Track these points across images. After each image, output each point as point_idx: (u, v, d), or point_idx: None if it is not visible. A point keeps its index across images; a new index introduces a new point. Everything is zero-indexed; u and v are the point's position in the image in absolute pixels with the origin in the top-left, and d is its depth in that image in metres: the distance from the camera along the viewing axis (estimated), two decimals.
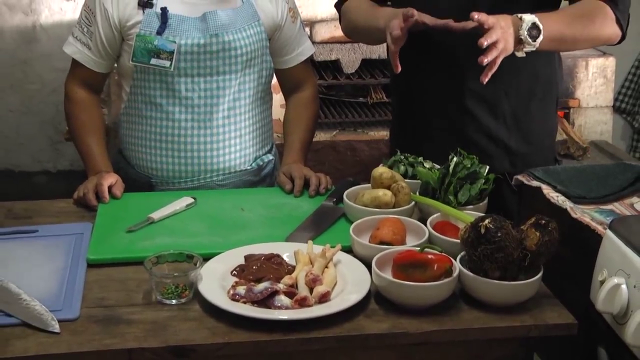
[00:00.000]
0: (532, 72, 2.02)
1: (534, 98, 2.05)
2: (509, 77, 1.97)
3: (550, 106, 2.11)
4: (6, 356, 1.31)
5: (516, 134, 2.04)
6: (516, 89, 2.02)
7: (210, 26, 1.99)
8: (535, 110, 2.07)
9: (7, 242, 1.71)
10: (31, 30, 3.81)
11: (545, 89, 2.07)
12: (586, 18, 1.88)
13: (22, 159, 3.99)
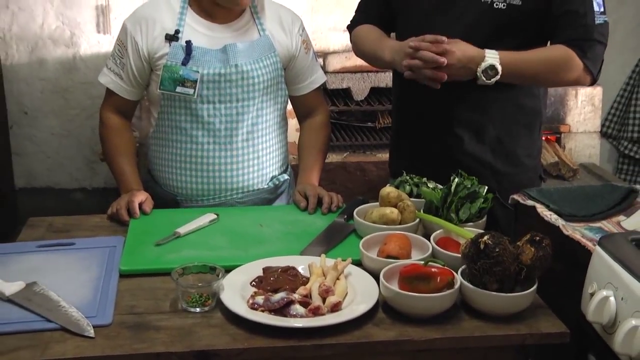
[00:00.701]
0: (515, 102, 2.03)
1: (518, 125, 2.06)
2: (494, 106, 2.00)
3: (534, 132, 2.11)
4: (46, 358, 1.32)
5: (501, 156, 2.05)
6: (501, 117, 2.02)
7: (230, 57, 2.00)
8: (519, 136, 2.07)
9: (48, 253, 1.71)
10: (71, 61, 3.84)
11: (528, 117, 2.08)
12: (552, 63, 1.91)
13: (62, 177, 4.01)
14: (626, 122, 4.15)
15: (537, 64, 1.91)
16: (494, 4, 1.90)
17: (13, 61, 3.82)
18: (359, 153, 3.51)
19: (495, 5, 1.90)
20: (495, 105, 2.00)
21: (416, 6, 2.02)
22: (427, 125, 2.07)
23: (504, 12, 1.90)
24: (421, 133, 2.09)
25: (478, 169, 1.95)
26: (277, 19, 2.11)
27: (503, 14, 1.90)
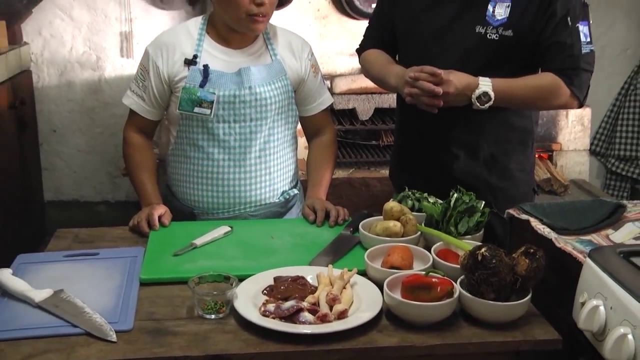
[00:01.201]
0: (508, 122, 2.03)
1: (510, 143, 2.06)
2: (487, 126, 2.01)
3: (526, 149, 2.11)
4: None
5: (495, 172, 2.05)
6: (495, 136, 2.03)
7: (244, 80, 2.00)
8: (512, 153, 2.07)
9: (74, 263, 1.72)
10: (97, 83, 3.87)
11: (520, 135, 2.08)
12: (540, 90, 1.91)
13: (87, 190, 4.02)
14: (613, 141, 4.15)
15: (527, 90, 1.91)
16: (487, 35, 1.91)
17: (44, 84, 3.84)
18: (363, 169, 3.51)
19: (489, 37, 1.91)
20: (489, 125, 2.00)
21: (417, 34, 2.03)
22: (426, 143, 2.07)
23: (496, 43, 1.91)
24: (421, 151, 2.10)
25: (474, 183, 1.94)
26: (288, 44, 2.12)
27: (496, 44, 1.91)
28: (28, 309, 1.49)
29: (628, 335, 1.23)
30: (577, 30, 1.89)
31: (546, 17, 1.88)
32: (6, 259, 1.74)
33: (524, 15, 1.89)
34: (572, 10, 1.88)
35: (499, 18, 1.90)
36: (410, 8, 2.04)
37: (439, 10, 1.97)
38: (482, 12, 1.92)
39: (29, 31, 3.76)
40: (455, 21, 1.95)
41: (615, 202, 1.81)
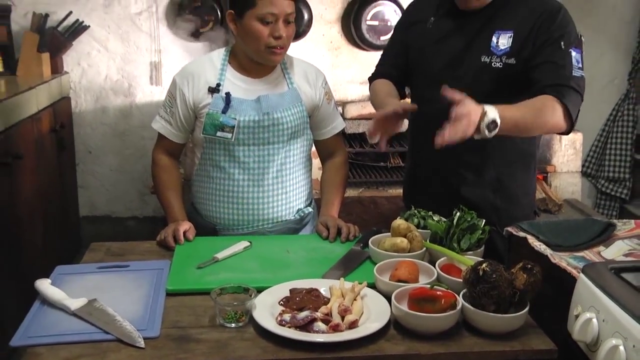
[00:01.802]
0: (513, 146, 2.00)
1: (515, 166, 2.04)
2: (493, 150, 1.98)
3: (529, 172, 2.09)
4: None
5: (500, 194, 2.02)
6: (500, 160, 2.01)
7: (263, 106, 2.00)
8: (516, 176, 2.05)
9: (106, 274, 1.72)
10: (128, 108, 3.90)
11: (524, 160, 2.06)
12: (538, 111, 1.84)
13: (118, 207, 4.04)
14: (602, 164, 4.15)
15: (525, 113, 1.84)
16: (492, 64, 1.91)
17: (81, 109, 3.88)
18: (372, 189, 3.50)
19: (494, 65, 1.91)
20: (495, 148, 1.97)
21: (428, 65, 2.03)
22: (435, 167, 2.06)
23: (501, 70, 1.91)
24: (430, 174, 2.09)
25: (480, 204, 1.93)
26: (303, 74, 2.12)
27: (500, 71, 1.91)
28: (65, 316, 1.49)
29: (619, 346, 1.22)
30: (570, 54, 1.87)
31: (541, 40, 1.88)
32: (46, 269, 1.74)
33: (525, 43, 1.89)
34: (567, 36, 1.87)
35: (502, 48, 1.90)
36: (423, 41, 2.04)
37: (449, 43, 1.98)
38: (487, 42, 1.92)
39: (69, 62, 3.80)
40: (463, 52, 1.95)
41: (606, 221, 1.80)
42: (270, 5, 1.89)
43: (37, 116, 3.18)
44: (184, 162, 3.27)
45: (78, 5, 3.71)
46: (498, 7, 1.93)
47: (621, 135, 4.06)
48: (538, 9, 1.90)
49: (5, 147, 2.76)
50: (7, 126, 2.82)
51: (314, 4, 3.76)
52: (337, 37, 3.87)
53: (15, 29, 3.60)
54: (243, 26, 1.94)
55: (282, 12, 1.90)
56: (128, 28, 3.79)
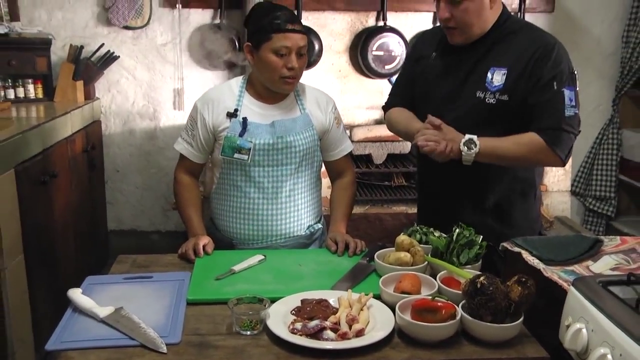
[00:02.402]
0: (512, 175, 1.98)
1: (514, 193, 2.01)
2: (492, 180, 1.97)
3: (529, 199, 2.04)
4: None
5: (499, 220, 2.00)
6: (499, 187, 1.99)
7: (277, 130, 2.01)
8: (515, 203, 2.01)
9: (132, 284, 1.72)
10: (153, 131, 3.91)
11: (524, 187, 2.02)
12: (520, 144, 1.84)
13: (143, 222, 4.04)
14: (590, 183, 4.12)
15: (508, 144, 1.85)
16: (486, 99, 1.89)
17: (110, 131, 3.90)
18: (378, 206, 3.49)
19: (487, 101, 1.89)
20: (494, 177, 1.96)
21: (431, 97, 2.02)
22: (441, 196, 2.06)
23: (494, 106, 1.88)
24: (437, 202, 2.09)
25: (481, 229, 1.85)
26: (315, 100, 2.13)
27: (493, 107, 1.88)
28: (94, 323, 1.49)
29: (607, 355, 1.21)
30: (562, 94, 1.83)
31: (533, 80, 1.85)
32: (77, 279, 1.75)
33: (518, 81, 1.86)
34: (559, 76, 1.84)
35: (496, 84, 1.87)
36: (426, 74, 2.04)
37: (449, 77, 1.97)
38: (482, 78, 1.90)
39: (100, 88, 3.82)
40: (462, 86, 1.94)
41: (594, 237, 1.80)
42: (284, 40, 1.90)
43: (71, 138, 3.20)
44: (204, 181, 3.28)
45: (109, 38, 3.75)
46: (495, 42, 1.91)
47: (606, 157, 4.05)
48: (532, 46, 1.86)
49: (42, 167, 2.78)
50: (45, 147, 2.84)
51: (324, 36, 3.78)
52: (346, 66, 3.88)
53: (54, 60, 3.64)
54: (259, 57, 1.95)
55: (295, 46, 1.91)
56: (154, 58, 3.81)
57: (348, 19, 3.82)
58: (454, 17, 1.85)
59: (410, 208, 3.40)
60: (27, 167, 2.61)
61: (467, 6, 1.82)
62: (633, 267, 1.63)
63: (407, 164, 3.61)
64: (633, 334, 1.18)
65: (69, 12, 3.71)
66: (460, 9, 1.83)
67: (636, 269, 1.60)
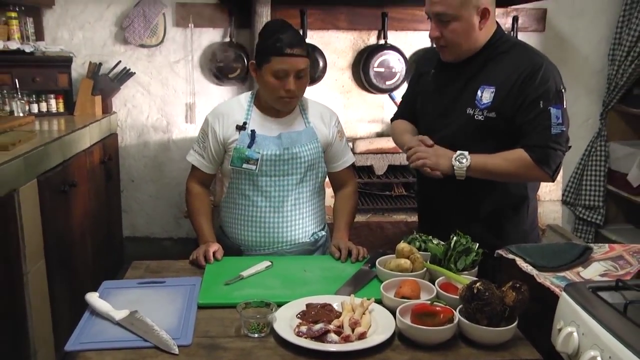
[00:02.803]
0: (503, 190, 1.95)
1: (507, 207, 1.98)
2: (483, 193, 1.96)
3: (521, 212, 2.01)
4: None
5: (492, 232, 1.96)
6: (489, 201, 1.96)
7: (284, 142, 2.01)
8: (507, 216, 1.99)
9: (145, 289, 1.71)
10: (166, 143, 3.92)
11: (516, 202, 1.99)
12: (511, 162, 1.82)
13: (156, 229, 4.04)
14: (580, 193, 4.12)
15: (497, 160, 1.83)
16: (475, 116, 1.87)
17: (126, 143, 3.91)
18: (379, 215, 3.48)
19: (476, 117, 1.87)
20: (486, 193, 1.95)
21: (427, 112, 2.04)
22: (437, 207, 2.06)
23: (483, 123, 1.87)
24: (433, 217, 2.10)
25: (474, 240, 1.83)
26: (319, 114, 2.12)
27: (482, 123, 1.87)
28: (110, 325, 1.49)
29: (597, 357, 1.20)
30: (549, 112, 1.80)
31: (520, 99, 1.82)
32: (94, 283, 1.75)
33: (506, 99, 1.84)
34: (545, 95, 1.81)
35: (485, 102, 1.86)
36: (425, 90, 2.05)
37: (443, 93, 1.97)
38: (473, 95, 1.88)
39: (117, 103, 3.84)
40: (454, 103, 1.93)
41: (584, 245, 1.79)
42: (282, 63, 1.88)
43: (89, 150, 3.21)
44: (214, 190, 3.28)
45: (126, 56, 3.77)
46: (487, 60, 1.90)
47: (595, 168, 4.04)
48: (520, 66, 1.84)
49: (63, 177, 2.78)
50: (65, 158, 2.85)
51: (328, 53, 3.79)
52: (348, 82, 3.89)
53: (74, 76, 3.66)
54: (261, 76, 1.95)
55: (293, 69, 1.90)
56: (167, 74, 3.83)
57: (351, 38, 3.83)
58: (444, 36, 1.85)
59: (410, 216, 3.39)
60: (48, 177, 2.62)
61: (455, 27, 1.82)
62: (621, 273, 1.62)
63: (406, 175, 3.60)
64: (621, 338, 1.17)
65: (89, 32, 3.74)
66: (449, 29, 1.83)
67: (624, 275, 1.59)
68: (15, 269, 2.32)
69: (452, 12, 1.79)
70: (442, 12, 1.80)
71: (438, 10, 1.81)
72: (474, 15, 1.81)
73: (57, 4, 3.68)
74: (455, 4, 1.78)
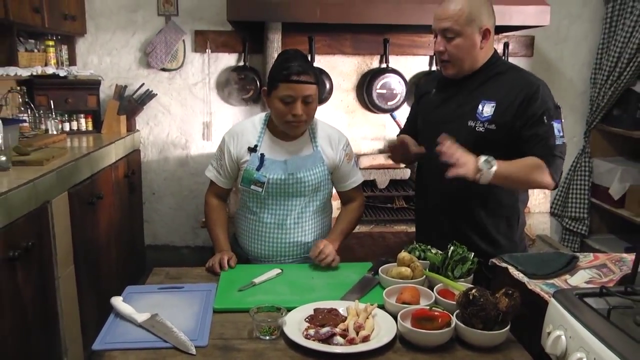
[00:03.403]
0: (496, 200, 1.95)
1: (498, 219, 1.98)
2: (476, 202, 1.94)
3: (513, 224, 2.01)
4: None
5: (484, 241, 1.96)
6: (484, 211, 1.96)
7: (289, 167, 1.99)
8: (499, 226, 1.98)
9: (165, 294, 1.71)
10: (184, 159, 3.93)
11: (508, 212, 1.99)
12: (529, 167, 1.81)
13: (175, 238, 4.04)
14: (566, 205, 4.10)
15: (520, 167, 1.81)
16: (476, 128, 1.89)
17: (148, 159, 3.92)
18: (381, 226, 3.46)
19: (477, 129, 1.88)
20: (480, 203, 1.94)
21: (430, 124, 2.03)
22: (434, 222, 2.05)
23: (483, 134, 1.88)
24: (430, 226, 2.08)
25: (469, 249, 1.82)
26: (327, 137, 2.10)
27: (483, 135, 1.88)
28: (133, 327, 1.49)
29: (583, 359, 1.20)
30: (552, 126, 1.83)
31: (526, 116, 1.83)
32: (119, 288, 1.75)
33: (505, 113, 1.86)
34: (548, 112, 1.83)
35: (485, 115, 1.88)
36: (427, 108, 2.06)
37: (445, 107, 1.98)
38: (474, 109, 1.90)
39: (140, 122, 3.86)
40: (455, 116, 1.94)
41: (571, 254, 1.78)
42: (289, 89, 1.87)
43: (115, 165, 3.23)
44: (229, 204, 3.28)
45: (149, 79, 3.80)
46: (485, 79, 1.92)
47: (580, 182, 4.03)
48: (518, 85, 1.86)
49: (90, 190, 2.80)
50: (93, 172, 2.87)
51: (334, 76, 3.81)
52: (353, 102, 3.90)
53: (102, 97, 3.69)
54: (271, 102, 1.95)
55: (300, 95, 1.88)
56: (186, 95, 3.85)
57: (355, 62, 3.85)
58: (448, 51, 1.87)
59: (410, 227, 3.37)
60: (78, 189, 2.63)
61: (459, 42, 1.85)
62: (605, 280, 1.62)
63: (407, 189, 3.59)
64: (605, 341, 1.17)
65: (115, 57, 3.77)
66: (453, 44, 1.85)
67: (607, 282, 1.59)
68: (48, 273, 2.34)
69: (457, 28, 1.82)
70: (448, 28, 1.83)
71: (445, 26, 1.84)
72: (476, 34, 1.85)
73: (88, 32, 3.73)
74: (461, 22, 1.82)
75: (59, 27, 3.21)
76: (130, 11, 3.73)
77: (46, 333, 2.32)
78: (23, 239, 2.10)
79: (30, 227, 2.18)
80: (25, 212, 2.13)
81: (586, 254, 1.80)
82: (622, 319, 1.26)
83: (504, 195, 1.96)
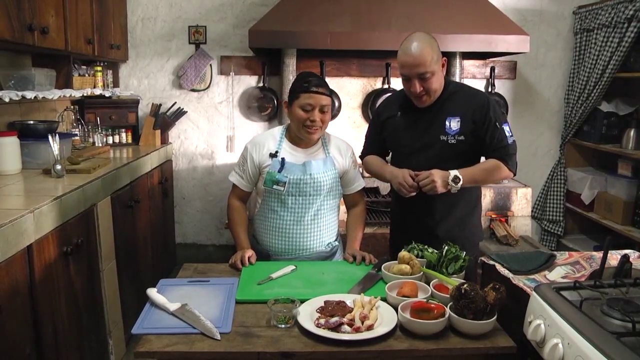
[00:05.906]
0: (468, 199, 2.04)
1: (472, 209, 2.08)
2: (456, 201, 2.00)
3: (478, 212, 2.11)
4: (192, 350, 1.32)
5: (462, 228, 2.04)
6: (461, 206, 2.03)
7: (307, 169, 2.00)
8: (473, 215, 2.08)
9: (194, 286, 1.71)
10: (210, 167, 3.94)
11: (476, 206, 2.10)
12: (490, 170, 1.93)
13: (202, 237, 4.05)
14: (545, 210, 4.09)
15: (481, 171, 1.92)
16: (448, 141, 1.94)
17: (179, 168, 3.94)
18: (383, 227, 3.44)
19: (449, 142, 1.94)
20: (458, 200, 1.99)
21: (401, 146, 2.05)
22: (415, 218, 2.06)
23: (455, 145, 1.93)
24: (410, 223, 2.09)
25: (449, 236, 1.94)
26: (337, 147, 2.11)
27: (455, 146, 1.93)
28: (166, 315, 1.49)
29: (559, 344, 1.21)
30: (503, 129, 1.92)
31: (485, 125, 1.92)
32: (154, 280, 1.77)
33: (469, 125, 1.93)
34: (498, 118, 1.93)
35: (454, 129, 1.93)
36: (396, 129, 2.06)
37: (414, 129, 2.00)
38: (443, 126, 1.95)
39: (172, 136, 3.88)
40: (427, 134, 1.97)
41: (549, 253, 1.79)
42: (309, 98, 1.91)
43: (150, 173, 3.24)
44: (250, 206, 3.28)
45: (180, 98, 3.82)
46: (446, 99, 1.96)
47: (556, 189, 4.03)
48: (473, 100, 1.95)
49: (130, 195, 2.82)
50: (132, 180, 2.88)
51: (342, 96, 3.82)
52: (359, 119, 3.90)
53: (140, 114, 3.72)
54: (291, 111, 1.97)
55: (317, 104, 1.92)
56: (212, 112, 3.87)
57: (361, 83, 3.85)
58: (425, 88, 1.91)
59: None
60: (119, 194, 2.65)
61: (433, 80, 1.90)
62: (578, 275, 1.63)
63: None
64: (577, 328, 1.18)
65: (152, 80, 3.80)
66: (429, 83, 1.89)
67: (580, 277, 1.59)
68: (94, 266, 2.36)
69: (431, 69, 1.86)
70: (423, 72, 1.86)
71: (420, 71, 1.86)
72: (440, 68, 1.91)
73: (130, 59, 3.77)
74: (432, 63, 1.86)
75: (106, 55, 3.27)
76: (165, 40, 3.76)
77: (94, 317, 2.34)
78: (74, 236, 2.13)
79: (80, 227, 2.20)
80: (76, 213, 2.16)
81: (562, 252, 1.82)
82: (591, 309, 1.27)
83: (474, 191, 2.07)
